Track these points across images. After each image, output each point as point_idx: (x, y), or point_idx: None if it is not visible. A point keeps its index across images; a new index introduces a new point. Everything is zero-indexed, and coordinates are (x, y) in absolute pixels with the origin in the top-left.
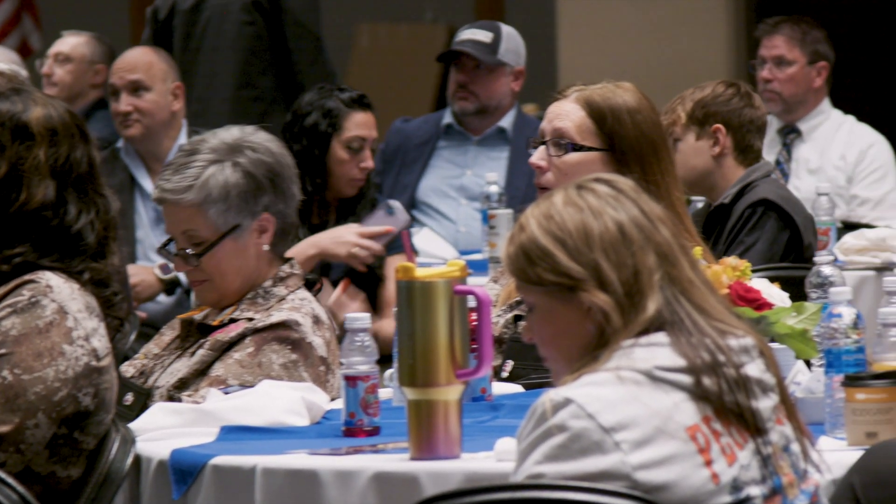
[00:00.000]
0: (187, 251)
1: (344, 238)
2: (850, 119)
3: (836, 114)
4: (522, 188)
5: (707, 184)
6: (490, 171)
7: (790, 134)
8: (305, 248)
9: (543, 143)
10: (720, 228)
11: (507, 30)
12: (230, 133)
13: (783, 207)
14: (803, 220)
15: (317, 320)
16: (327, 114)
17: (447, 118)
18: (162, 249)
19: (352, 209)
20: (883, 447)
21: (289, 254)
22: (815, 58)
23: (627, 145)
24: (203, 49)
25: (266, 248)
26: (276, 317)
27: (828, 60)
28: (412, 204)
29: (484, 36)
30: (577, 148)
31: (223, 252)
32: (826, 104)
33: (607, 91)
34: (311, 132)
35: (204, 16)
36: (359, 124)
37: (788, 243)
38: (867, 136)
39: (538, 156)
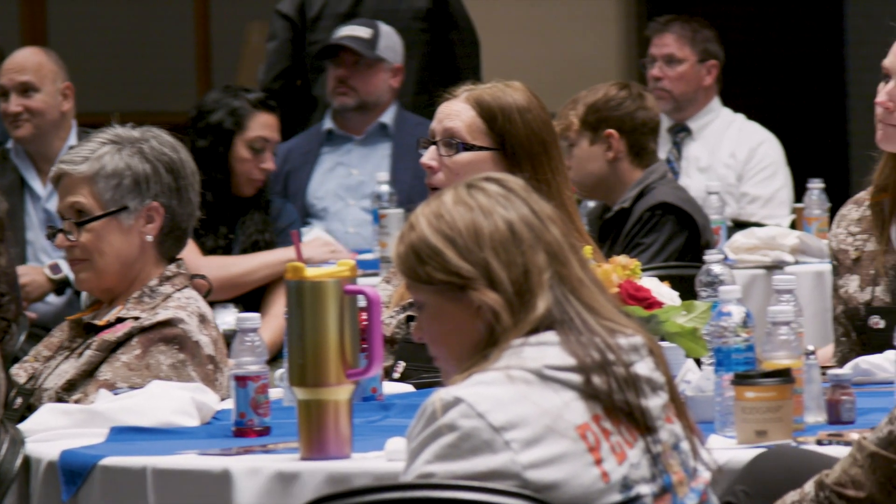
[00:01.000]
0: (71, 222)
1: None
2: (740, 117)
3: (726, 112)
4: (407, 182)
5: (604, 188)
6: (374, 169)
7: (680, 132)
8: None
9: (434, 143)
10: (618, 231)
11: (385, 27)
12: (139, 129)
13: (682, 209)
14: (702, 220)
15: (203, 319)
16: (232, 112)
17: (327, 124)
18: (50, 230)
19: (246, 209)
20: (768, 456)
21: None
22: (705, 56)
23: (518, 144)
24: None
25: (150, 238)
26: (163, 315)
27: (718, 59)
28: (303, 210)
29: (363, 32)
30: (468, 147)
31: (105, 230)
32: (716, 103)
33: (497, 90)
34: (215, 129)
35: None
36: (263, 125)
37: (687, 244)
38: (757, 134)
39: (429, 156)
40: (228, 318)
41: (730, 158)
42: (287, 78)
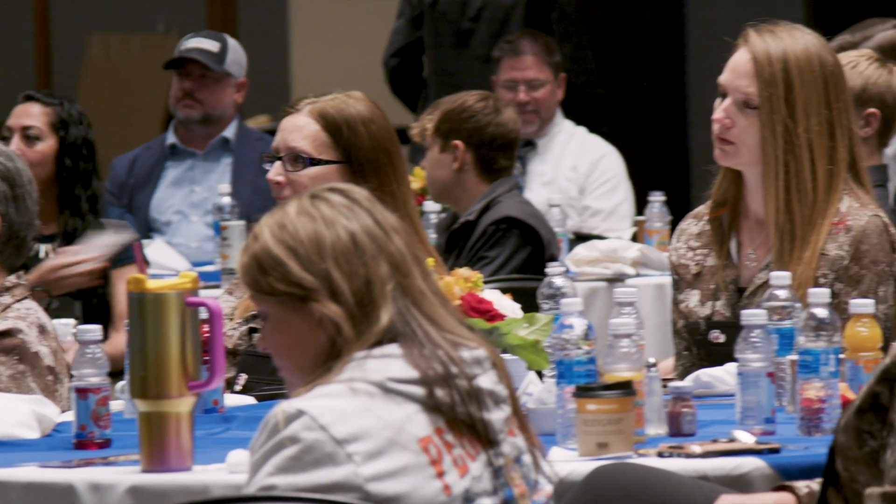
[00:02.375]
0: None
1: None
2: (582, 130)
3: (568, 125)
4: (247, 197)
5: (451, 196)
6: (217, 184)
7: (525, 147)
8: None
9: (279, 158)
10: (464, 243)
11: (231, 41)
12: None
13: (527, 223)
14: (548, 234)
15: (42, 329)
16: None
17: (170, 139)
18: None
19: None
20: (604, 472)
21: None
22: (557, 71)
23: (364, 156)
24: (475, 43)
25: None
26: (1, 325)
27: (563, 71)
28: (146, 224)
29: (211, 45)
30: (315, 162)
31: None
32: (559, 116)
33: (340, 102)
34: None
35: (474, 7)
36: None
37: (531, 258)
38: (598, 148)
39: (275, 171)
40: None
41: (571, 172)
42: (403, 56)
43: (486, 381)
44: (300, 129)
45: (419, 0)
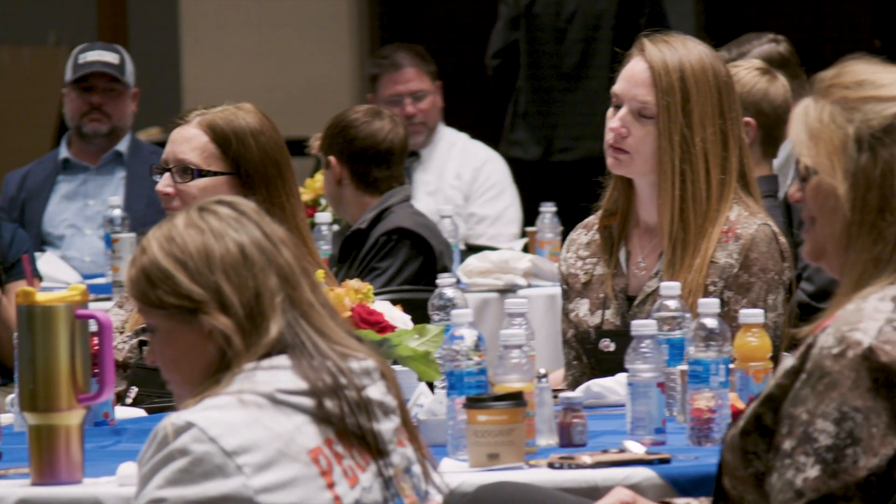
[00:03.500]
0: None
1: None
2: (463, 137)
3: (449, 132)
4: (141, 210)
5: (345, 210)
6: (111, 197)
7: (409, 157)
8: None
9: (168, 169)
10: (356, 253)
11: (125, 52)
12: None
13: (419, 234)
14: (440, 245)
15: None
16: None
17: (63, 153)
18: None
19: None
20: (488, 491)
21: None
22: (435, 79)
23: (253, 168)
24: (569, 40)
25: None
26: None
27: (439, 78)
28: (39, 237)
29: (112, 57)
30: (203, 174)
31: None
32: (441, 124)
33: (229, 114)
34: None
35: (568, 10)
36: None
37: (423, 269)
38: (481, 154)
39: (164, 183)
40: None
41: (455, 179)
42: (503, 57)
43: (376, 391)
44: (189, 141)
45: (516, 2)
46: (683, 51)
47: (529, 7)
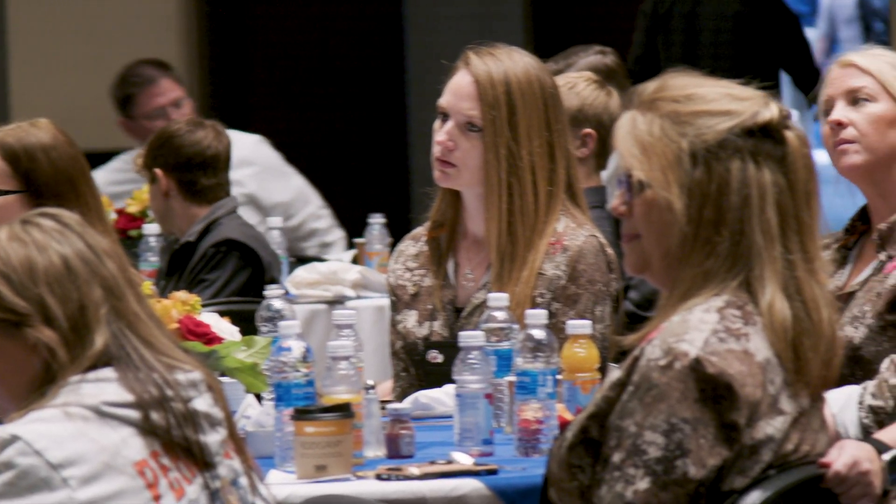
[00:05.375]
0: None
1: None
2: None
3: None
4: None
5: (173, 224)
6: None
7: None
8: None
9: None
10: (185, 265)
11: None
12: None
13: (248, 245)
14: (269, 257)
15: None
16: None
17: None
18: None
19: None
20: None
21: None
22: (182, 84)
23: (44, 184)
24: (702, 52)
25: None
26: None
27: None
28: None
29: None
30: None
31: None
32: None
33: (21, 131)
34: None
35: (703, 18)
36: None
37: (251, 281)
38: (247, 142)
39: None
40: None
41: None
42: (643, 64)
43: (202, 403)
44: None
45: (649, 13)
46: (509, 63)
47: (665, 16)
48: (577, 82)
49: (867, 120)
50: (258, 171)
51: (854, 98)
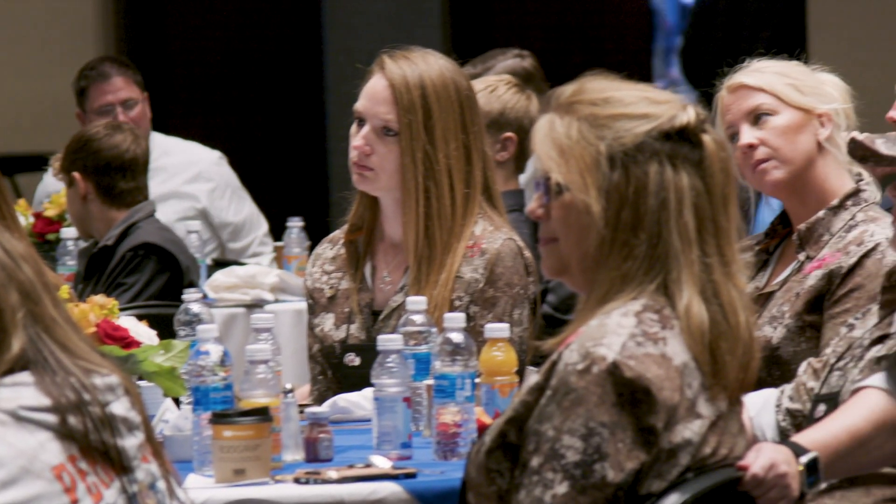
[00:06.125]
0: None
1: None
2: (176, 140)
3: (161, 138)
4: None
5: (91, 228)
6: None
7: None
8: None
9: None
10: (103, 269)
11: None
12: None
13: (166, 249)
14: (187, 260)
15: None
16: None
17: None
18: None
19: None
20: None
21: None
22: (142, 89)
23: None
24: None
25: None
26: None
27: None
28: None
29: None
30: None
31: None
32: (152, 132)
33: None
34: None
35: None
36: None
37: (169, 284)
38: (206, 155)
39: None
40: None
41: (188, 185)
42: None
43: (119, 407)
44: None
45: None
46: (424, 66)
47: None
48: (498, 86)
49: (775, 134)
50: (214, 188)
51: (755, 117)
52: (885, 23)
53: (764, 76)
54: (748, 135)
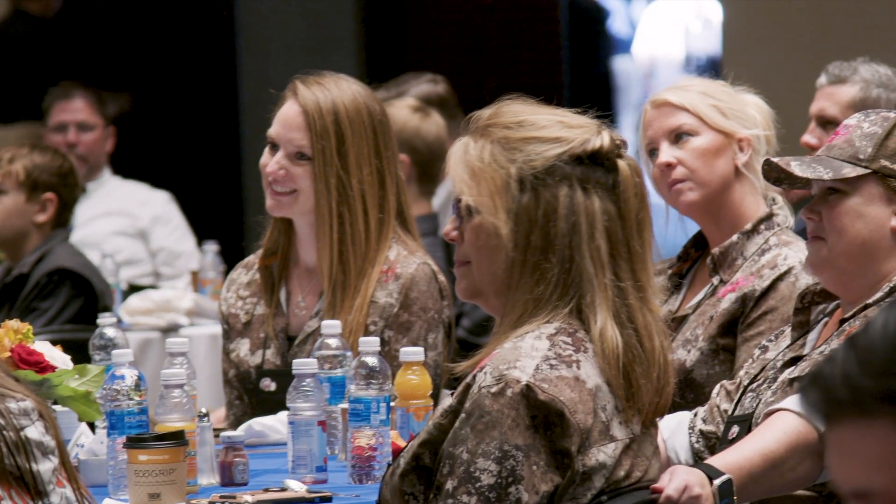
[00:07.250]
0: None
1: None
2: (132, 185)
3: (115, 182)
4: None
5: (14, 246)
6: None
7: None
8: None
9: None
10: (17, 295)
11: None
12: None
13: (80, 274)
14: (101, 284)
15: None
16: None
17: None
18: None
19: None
20: None
21: None
22: (108, 121)
23: None
24: None
25: None
26: None
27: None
28: None
29: None
30: None
31: None
32: (107, 170)
33: None
34: None
35: None
36: None
37: (84, 309)
38: (156, 197)
39: None
40: None
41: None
42: None
43: (34, 432)
44: None
45: None
46: (337, 91)
47: None
48: (391, 108)
49: (693, 155)
50: (173, 228)
51: (676, 136)
52: (798, 46)
53: (688, 95)
54: (667, 153)
